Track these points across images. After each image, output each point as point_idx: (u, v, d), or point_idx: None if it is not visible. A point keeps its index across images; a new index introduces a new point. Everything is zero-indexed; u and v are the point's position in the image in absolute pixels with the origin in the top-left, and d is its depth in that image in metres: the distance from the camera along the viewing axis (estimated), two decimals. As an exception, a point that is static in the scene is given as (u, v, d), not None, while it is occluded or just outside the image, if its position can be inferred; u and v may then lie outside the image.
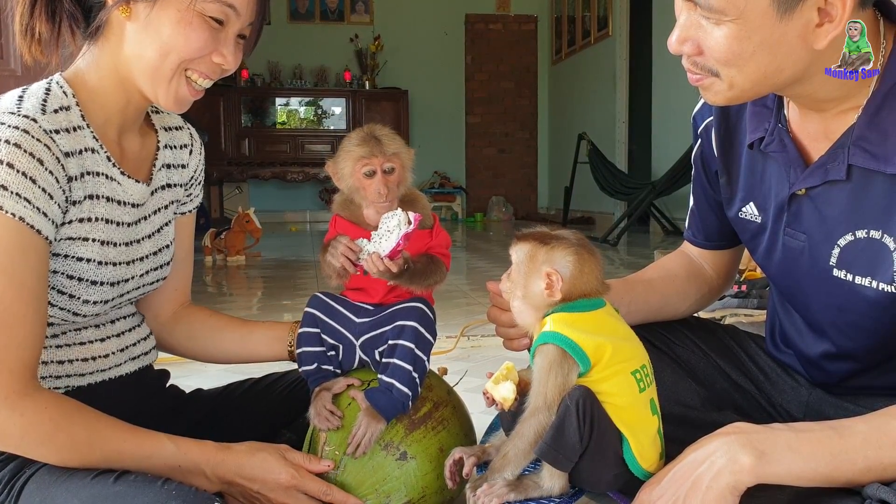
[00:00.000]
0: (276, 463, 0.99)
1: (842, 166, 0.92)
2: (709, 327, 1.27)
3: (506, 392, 0.96)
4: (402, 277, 1.06)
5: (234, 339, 1.25)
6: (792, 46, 0.86)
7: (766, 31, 0.84)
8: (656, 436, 0.95)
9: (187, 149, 1.19)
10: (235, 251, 4.93)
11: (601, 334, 0.92)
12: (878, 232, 0.91)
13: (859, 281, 0.94)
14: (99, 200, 1.01)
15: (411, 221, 1.05)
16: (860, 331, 0.99)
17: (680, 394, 1.12)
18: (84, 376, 1.05)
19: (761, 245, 1.09)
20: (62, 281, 0.99)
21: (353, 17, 8.86)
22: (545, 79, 9.35)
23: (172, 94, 1.01)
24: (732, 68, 0.88)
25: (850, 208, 0.94)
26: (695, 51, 0.90)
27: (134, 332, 1.14)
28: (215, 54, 1.00)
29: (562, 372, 0.90)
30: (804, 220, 0.99)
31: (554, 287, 0.93)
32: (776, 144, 1.00)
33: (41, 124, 0.93)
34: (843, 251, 0.95)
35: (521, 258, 0.95)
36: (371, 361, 1.11)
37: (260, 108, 8.54)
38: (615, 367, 0.92)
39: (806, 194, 0.98)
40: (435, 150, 8.83)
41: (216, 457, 0.96)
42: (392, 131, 1.11)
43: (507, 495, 0.94)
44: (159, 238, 1.13)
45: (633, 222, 6.01)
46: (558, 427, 0.89)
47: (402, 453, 1.06)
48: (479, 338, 2.56)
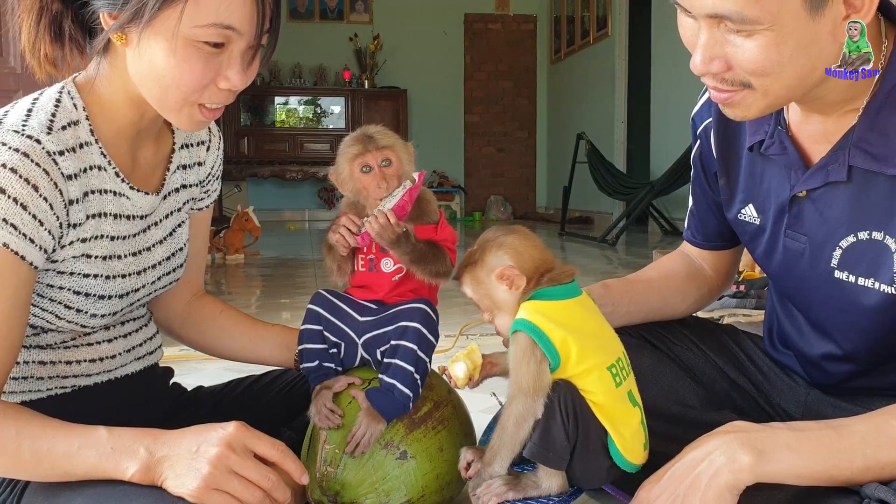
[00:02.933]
0: (221, 425, 0.88)
1: (842, 168, 0.92)
2: (707, 327, 1.27)
3: (458, 371, 1.03)
4: (402, 246, 1.05)
5: (244, 340, 1.26)
6: (824, 44, 0.84)
7: (801, 32, 0.82)
8: (639, 427, 0.97)
9: (204, 145, 1.16)
10: (234, 250, 4.93)
11: (569, 328, 0.93)
12: (879, 233, 0.91)
13: (861, 282, 0.94)
14: (105, 218, 0.99)
15: (416, 179, 1.05)
16: (861, 332, 0.99)
17: (679, 393, 1.13)
18: (90, 376, 1.05)
19: (760, 246, 1.09)
20: (69, 297, 0.97)
21: (353, 16, 8.85)
22: (544, 78, 9.35)
23: (185, 121, 0.96)
24: (769, 77, 0.85)
25: (852, 210, 0.93)
26: (723, 67, 0.87)
27: (140, 333, 1.14)
28: (220, 80, 0.93)
29: (534, 359, 0.92)
30: (805, 222, 0.99)
31: (512, 278, 0.96)
32: (776, 147, 0.99)
33: (45, 146, 0.90)
34: (844, 252, 0.95)
35: (473, 287, 1.00)
36: (373, 360, 1.11)
37: (259, 107, 8.53)
38: (589, 363, 0.93)
39: (807, 196, 0.98)
40: (434, 150, 8.83)
41: (154, 434, 0.87)
42: (385, 128, 1.11)
43: (505, 494, 0.95)
44: (172, 242, 1.11)
45: (632, 222, 6.01)
46: (545, 426, 0.91)
47: (402, 452, 1.06)
48: (478, 337, 2.56)
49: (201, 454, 0.84)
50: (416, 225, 1.09)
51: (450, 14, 8.99)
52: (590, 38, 7.83)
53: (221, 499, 0.83)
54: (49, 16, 0.95)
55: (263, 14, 0.91)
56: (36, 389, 1.01)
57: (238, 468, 0.84)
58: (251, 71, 0.96)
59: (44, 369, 1.01)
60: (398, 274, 1.10)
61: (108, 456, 0.85)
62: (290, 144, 8.42)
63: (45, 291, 0.96)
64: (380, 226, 1.03)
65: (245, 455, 0.86)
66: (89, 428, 0.86)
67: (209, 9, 0.87)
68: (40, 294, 0.96)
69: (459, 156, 9.28)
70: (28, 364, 1.00)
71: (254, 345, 1.26)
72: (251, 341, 1.26)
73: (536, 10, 9.23)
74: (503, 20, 9.20)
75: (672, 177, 5.48)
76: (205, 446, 0.84)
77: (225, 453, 0.84)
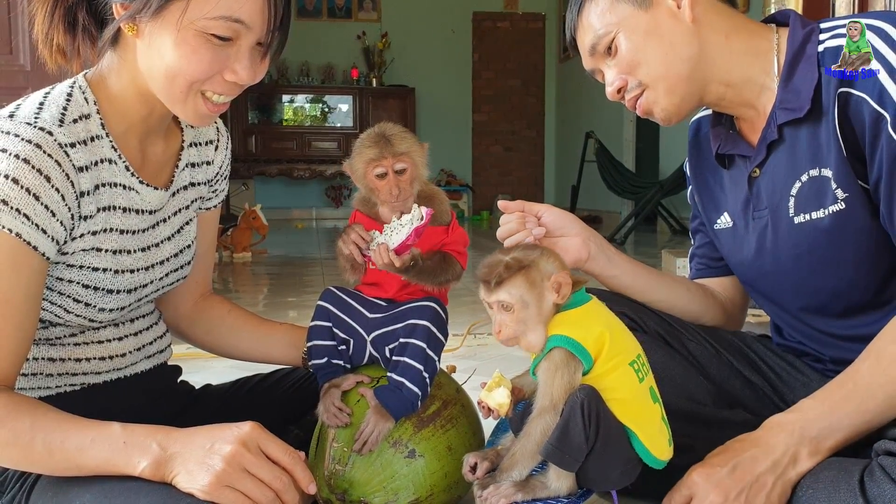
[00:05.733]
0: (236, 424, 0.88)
1: (773, 129, 1.09)
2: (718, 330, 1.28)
3: (500, 398, 0.96)
4: (408, 273, 1.06)
5: (252, 339, 1.26)
6: (668, 26, 1.09)
7: (642, 23, 1.09)
8: (661, 423, 0.97)
9: (213, 145, 1.17)
10: (242, 248, 4.94)
11: (599, 323, 0.94)
12: (815, 170, 1.05)
13: (815, 216, 1.06)
14: (115, 211, 1.00)
15: (423, 217, 1.05)
16: (831, 265, 1.08)
17: (690, 391, 1.13)
18: (100, 374, 1.05)
19: (734, 243, 1.20)
20: (78, 290, 0.98)
21: (361, 14, 8.85)
22: (553, 77, 9.33)
23: (190, 113, 0.97)
24: (644, 66, 1.10)
25: (790, 161, 1.08)
26: (621, 83, 1.12)
27: (150, 331, 1.14)
28: (227, 72, 0.93)
29: (568, 372, 0.92)
30: (763, 196, 1.13)
31: (564, 286, 0.94)
32: (729, 144, 1.17)
33: (56, 138, 0.91)
34: (796, 199, 1.08)
35: (525, 290, 0.93)
36: (381, 358, 1.11)
37: (267, 105, 8.55)
38: (614, 361, 0.93)
39: (759, 174, 1.13)
40: (441, 148, 8.82)
41: (167, 430, 0.87)
42: (404, 129, 1.11)
43: (514, 496, 0.94)
44: (180, 239, 1.11)
45: (641, 221, 6.00)
46: (563, 428, 0.90)
47: (410, 451, 1.06)
48: (486, 336, 2.56)
49: (215, 451, 0.84)
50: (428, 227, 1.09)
51: (458, 12, 8.98)
52: (598, 36, 7.80)
53: (233, 496, 0.83)
54: (64, 6, 0.96)
55: (274, 10, 0.92)
56: (45, 387, 1.01)
57: (251, 467, 0.84)
58: (261, 68, 0.96)
59: (53, 366, 1.01)
60: (407, 273, 1.10)
61: (120, 450, 0.85)
62: (298, 143, 8.43)
63: (54, 285, 0.97)
64: (384, 263, 1.05)
65: (259, 455, 0.85)
66: (103, 423, 0.87)
67: (219, 1, 0.88)
68: (50, 287, 0.96)
69: (467, 154, 9.27)
70: (37, 361, 1.00)
71: (261, 344, 1.26)
72: (259, 340, 1.26)
73: (545, 8, 9.21)
74: (511, 18, 9.19)
75: (681, 176, 5.45)
76: (219, 444, 0.84)
77: (240, 451, 0.84)
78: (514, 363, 2.00)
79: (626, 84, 1.12)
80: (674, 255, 3.47)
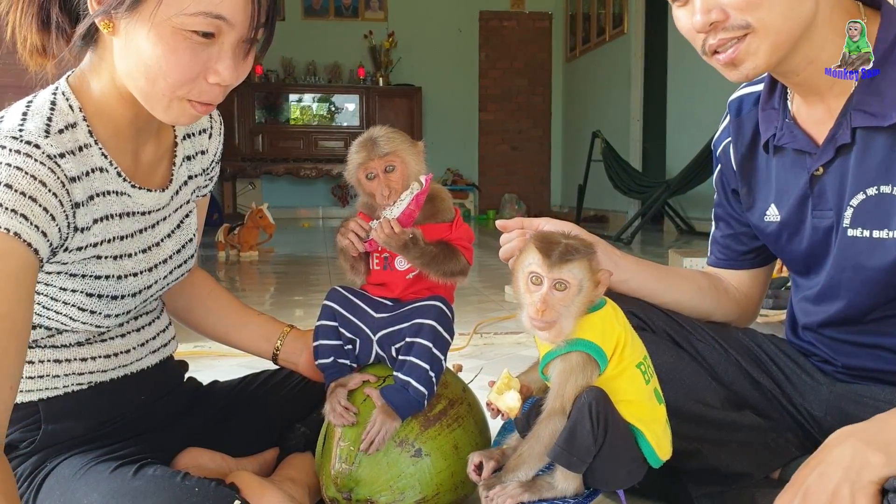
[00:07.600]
0: None
1: (846, 131, 0.99)
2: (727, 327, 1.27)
3: (511, 401, 0.97)
4: (411, 252, 1.05)
5: (227, 325, 1.26)
6: None
7: None
8: (665, 424, 0.97)
9: (206, 133, 1.15)
10: (248, 247, 4.94)
11: (617, 325, 0.94)
12: (887, 186, 0.97)
13: (876, 235, 0.99)
14: (112, 220, 0.97)
15: (423, 184, 1.05)
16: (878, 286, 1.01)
17: (699, 392, 1.12)
18: (106, 372, 1.05)
19: (782, 239, 1.13)
20: (82, 299, 0.96)
21: (368, 13, 8.85)
22: (559, 76, 9.31)
23: (174, 116, 0.92)
24: (763, 11, 0.93)
25: (858, 170, 0.99)
26: (722, 15, 0.94)
27: (154, 325, 1.14)
28: (209, 73, 0.87)
29: (584, 376, 0.92)
30: (829, 198, 1.04)
31: (602, 286, 0.94)
32: (787, 136, 1.06)
33: (45, 149, 0.87)
34: (855, 211, 1.00)
35: (582, 275, 0.92)
36: (387, 357, 1.11)
37: (273, 105, 8.56)
38: (625, 363, 0.93)
39: (824, 172, 1.03)
40: (448, 147, 8.82)
41: None
42: (391, 130, 1.10)
43: (520, 496, 0.94)
44: (181, 235, 1.10)
45: (647, 221, 5.98)
46: (571, 430, 0.90)
47: (416, 450, 1.06)
48: (492, 335, 2.55)
49: None
50: (431, 224, 1.09)
51: (464, 11, 8.97)
52: (605, 35, 7.79)
53: None
54: (37, 3, 0.91)
55: (259, 6, 0.86)
56: (52, 387, 1.01)
57: None
58: (244, 66, 0.91)
59: (59, 367, 1.01)
60: (412, 272, 1.10)
61: None
62: (305, 142, 8.44)
63: (58, 295, 0.95)
64: (385, 234, 1.04)
65: None
66: None
67: None
68: (54, 298, 0.95)
69: (474, 154, 9.27)
70: (43, 363, 1.00)
71: (234, 331, 1.26)
72: (232, 327, 1.26)
73: (552, 8, 9.19)
74: (518, 17, 9.18)
75: (688, 176, 5.44)
76: None
77: None
78: (520, 362, 1.99)
79: (728, 19, 0.94)
80: (680, 254, 3.45)
